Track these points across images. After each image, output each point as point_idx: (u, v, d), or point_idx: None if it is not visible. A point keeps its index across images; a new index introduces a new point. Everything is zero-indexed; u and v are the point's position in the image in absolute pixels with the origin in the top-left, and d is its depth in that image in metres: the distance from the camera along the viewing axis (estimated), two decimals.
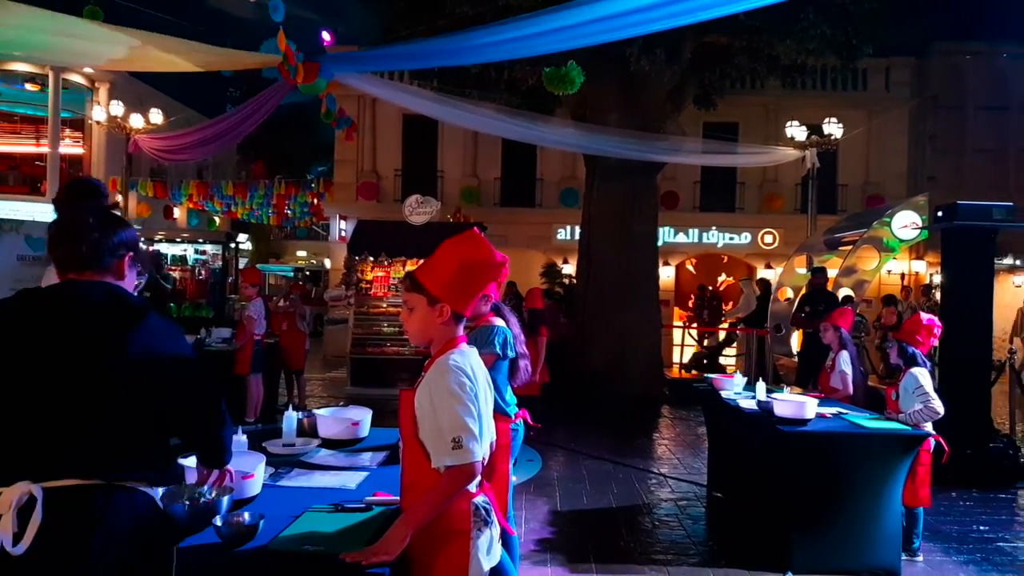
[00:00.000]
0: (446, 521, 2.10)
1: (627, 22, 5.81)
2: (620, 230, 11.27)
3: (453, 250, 2.21)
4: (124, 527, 1.73)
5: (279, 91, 7.63)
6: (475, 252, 2.21)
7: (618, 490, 6.25)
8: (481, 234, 2.26)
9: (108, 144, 22.70)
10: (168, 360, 1.87)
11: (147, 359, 1.81)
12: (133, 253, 2.02)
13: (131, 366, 1.78)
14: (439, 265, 2.20)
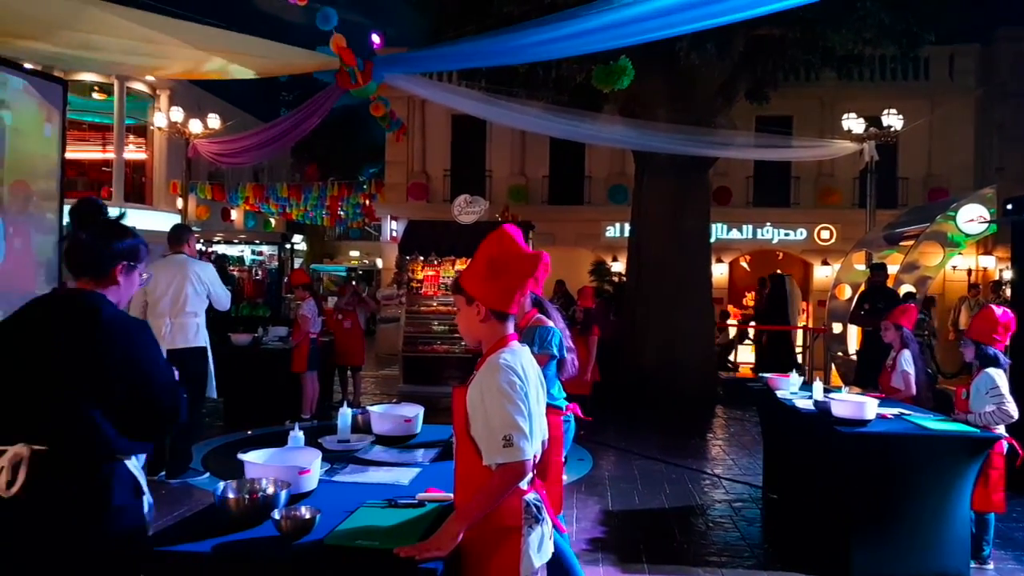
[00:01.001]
0: (497, 518, 2.11)
1: (676, 20, 5.75)
2: (671, 227, 11.14)
3: (482, 248, 2.24)
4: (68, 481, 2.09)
5: (331, 94, 7.76)
6: (501, 247, 2.21)
7: (671, 490, 6.19)
8: (509, 230, 2.23)
9: (169, 149, 23.42)
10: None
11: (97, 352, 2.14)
12: (127, 262, 2.29)
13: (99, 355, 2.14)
14: (472, 265, 2.25)
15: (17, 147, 6.48)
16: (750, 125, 16.14)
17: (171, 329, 5.99)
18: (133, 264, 2.32)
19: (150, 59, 5.42)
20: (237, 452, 2.69)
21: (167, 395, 2.21)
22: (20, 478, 2.02)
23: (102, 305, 2.20)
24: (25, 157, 6.57)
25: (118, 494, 2.11)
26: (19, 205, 6.56)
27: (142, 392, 2.16)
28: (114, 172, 22.94)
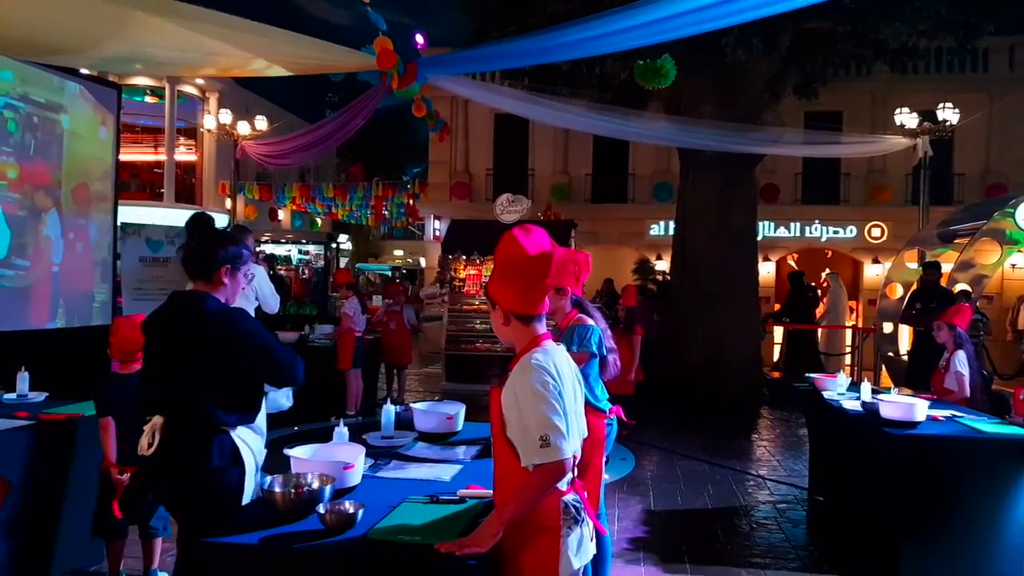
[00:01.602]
0: (536, 518, 2.11)
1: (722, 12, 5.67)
2: (717, 225, 11.00)
3: (495, 254, 2.27)
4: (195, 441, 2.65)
5: (376, 95, 7.85)
6: (508, 252, 2.21)
7: (714, 491, 6.12)
8: (516, 233, 2.21)
9: (218, 150, 23.96)
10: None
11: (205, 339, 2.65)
12: (230, 266, 2.74)
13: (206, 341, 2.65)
14: (493, 270, 2.31)
15: (75, 150, 6.74)
16: (798, 121, 15.83)
17: None
18: (236, 267, 2.76)
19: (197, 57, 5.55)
20: (284, 447, 2.75)
21: (281, 363, 2.67)
22: (155, 442, 2.64)
23: (206, 302, 2.66)
24: (83, 160, 6.84)
25: (216, 458, 2.60)
26: (81, 208, 6.83)
27: (260, 363, 2.64)
28: (165, 173, 23.55)
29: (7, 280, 6.01)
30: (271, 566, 2.09)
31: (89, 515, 3.73)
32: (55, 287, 6.49)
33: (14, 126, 6.16)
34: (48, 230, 6.48)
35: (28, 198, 6.26)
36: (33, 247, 6.27)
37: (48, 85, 6.43)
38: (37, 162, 6.35)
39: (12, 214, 6.08)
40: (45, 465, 3.73)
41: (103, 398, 3.67)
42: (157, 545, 3.80)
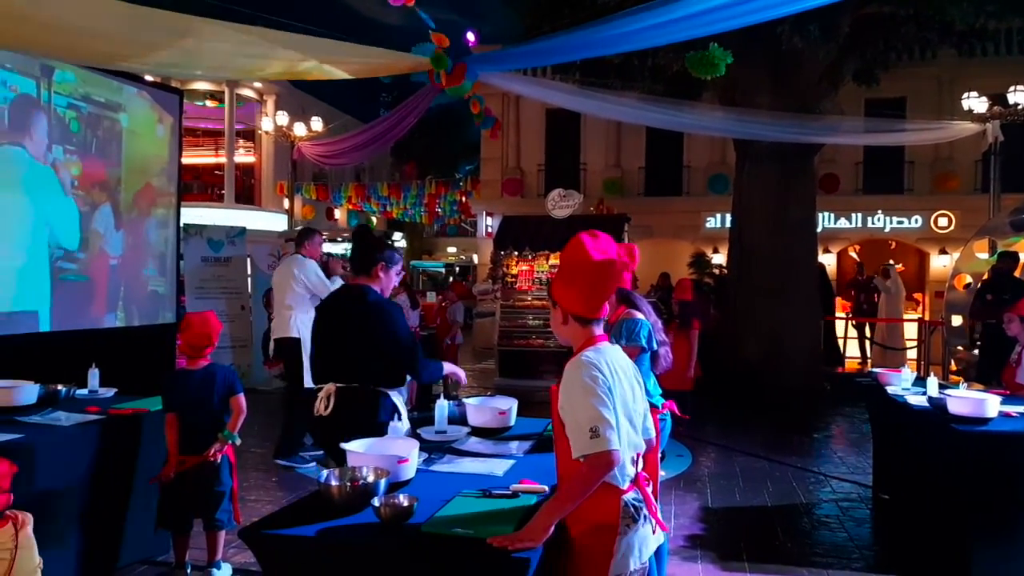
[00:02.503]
0: (595, 515, 2.12)
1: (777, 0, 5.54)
2: (774, 217, 10.76)
3: (561, 255, 2.34)
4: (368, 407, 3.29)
5: (427, 94, 7.91)
6: (573, 256, 2.26)
7: (774, 488, 6.00)
8: (583, 238, 2.26)
9: (276, 152, 24.50)
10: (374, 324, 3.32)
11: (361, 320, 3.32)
12: (384, 263, 3.42)
13: (362, 322, 3.32)
14: (557, 270, 2.38)
15: (133, 148, 6.99)
16: (859, 109, 15.39)
17: (276, 320, 6.35)
18: (388, 265, 3.44)
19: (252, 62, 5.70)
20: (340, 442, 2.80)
21: (405, 351, 3.29)
22: (330, 404, 3.24)
23: (368, 292, 3.36)
24: (141, 157, 7.09)
25: (382, 414, 3.25)
26: (139, 205, 7.09)
27: (393, 347, 3.26)
28: (225, 175, 24.19)
29: (71, 273, 6.25)
30: (327, 558, 2.13)
31: (155, 507, 3.85)
32: (114, 282, 6.71)
33: (76, 125, 6.41)
34: (107, 226, 6.72)
35: (89, 195, 6.51)
36: (93, 242, 6.53)
37: (108, 85, 6.68)
38: (97, 160, 6.60)
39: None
40: (113, 458, 3.87)
41: (168, 393, 3.79)
42: (220, 537, 3.91)
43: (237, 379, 3.96)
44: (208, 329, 3.80)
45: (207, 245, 9.67)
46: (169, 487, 3.73)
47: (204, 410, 3.76)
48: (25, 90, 5.90)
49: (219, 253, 9.73)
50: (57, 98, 6.20)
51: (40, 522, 3.26)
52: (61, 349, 5.66)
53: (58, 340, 6.00)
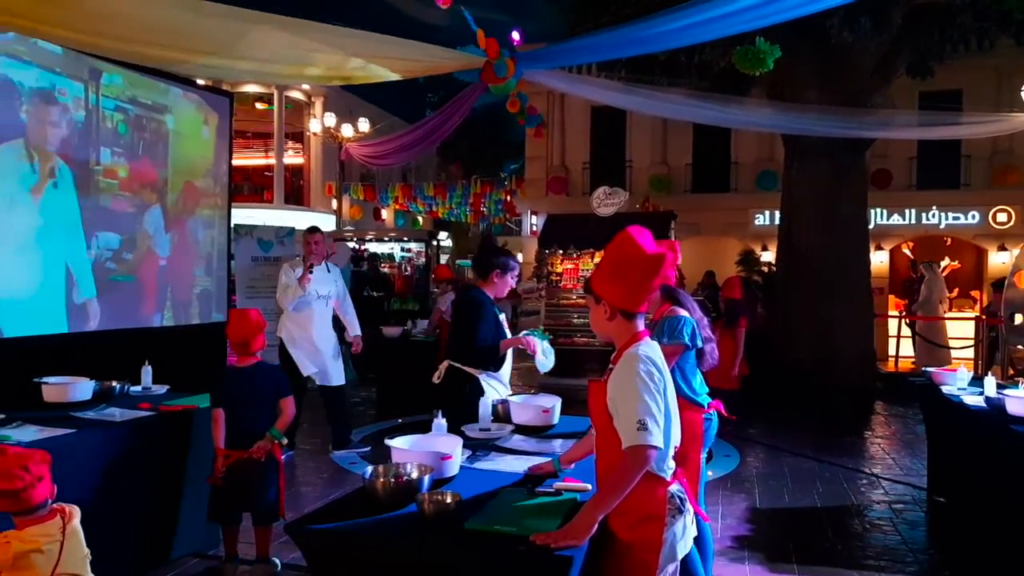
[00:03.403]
0: (643, 507, 2.15)
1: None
2: (825, 213, 10.54)
3: (607, 251, 2.33)
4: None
5: (472, 93, 7.94)
6: (623, 250, 2.26)
7: (823, 489, 5.88)
8: (633, 232, 2.27)
9: (324, 153, 24.88)
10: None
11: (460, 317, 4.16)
12: (499, 269, 4.02)
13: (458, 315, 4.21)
14: (599, 266, 2.36)
15: (180, 149, 7.15)
16: (912, 102, 14.95)
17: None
18: (503, 272, 4.03)
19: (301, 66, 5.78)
20: (386, 438, 2.84)
21: (476, 344, 3.92)
22: (441, 375, 4.06)
23: (473, 292, 4.07)
24: (187, 158, 7.24)
25: (469, 392, 3.85)
26: (186, 205, 7.26)
27: (469, 338, 3.94)
28: (275, 176, 24.65)
29: (119, 273, 6.41)
30: (371, 553, 2.16)
31: (206, 501, 3.95)
32: (162, 282, 6.88)
33: (124, 127, 6.55)
34: (156, 227, 6.86)
35: (137, 196, 6.66)
36: (142, 243, 6.69)
37: (154, 87, 6.82)
38: (144, 161, 6.73)
39: (122, 211, 6.49)
40: (164, 453, 3.98)
41: (215, 390, 3.88)
42: (269, 533, 3.99)
43: (286, 381, 4.04)
44: (252, 328, 3.85)
45: (257, 245, 9.87)
46: (217, 481, 3.82)
47: (251, 408, 3.83)
48: (74, 93, 6.03)
49: (269, 253, 9.91)
50: (105, 101, 6.33)
51: (93, 515, 3.36)
52: (115, 347, 5.82)
53: (113, 338, 6.18)
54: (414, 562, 2.12)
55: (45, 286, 5.68)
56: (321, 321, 6.45)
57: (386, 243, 17.66)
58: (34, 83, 5.63)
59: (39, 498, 2.48)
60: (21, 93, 5.55)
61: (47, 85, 5.77)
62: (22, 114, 5.56)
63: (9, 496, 2.43)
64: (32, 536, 2.41)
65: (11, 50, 5.43)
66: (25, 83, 5.57)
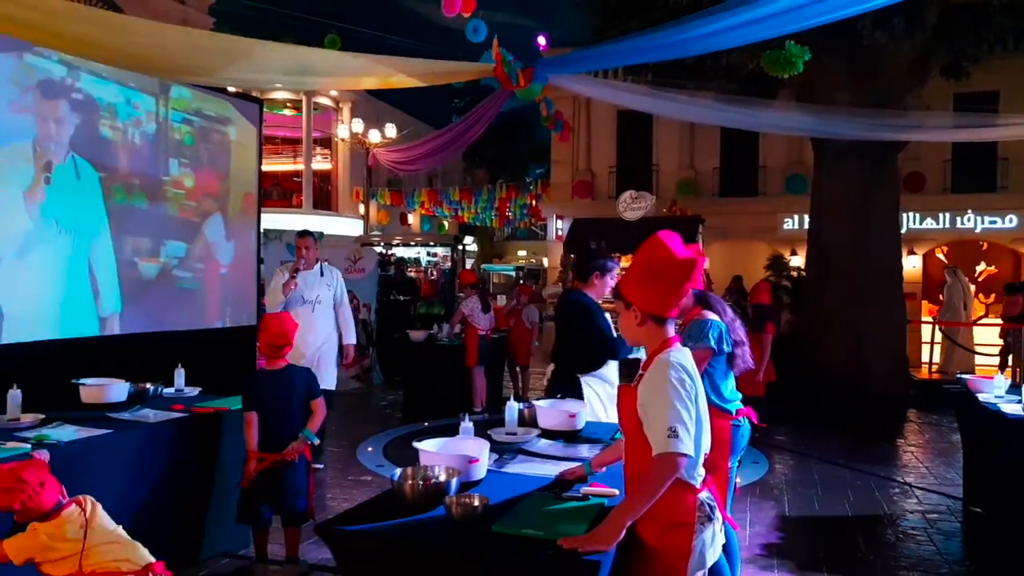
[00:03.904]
0: (672, 514, 2.14)
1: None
2: (855, 217, 10.40)
3: (637, 255, 2.30)
4: None
5: (498, 99, 7.97)
6: (654, 254, 2.24)
7: (855, 498, 5.79)
8: (663, 237, 2.25)
9: (352, 159, 25.09)
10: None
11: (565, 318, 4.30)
12: (599, 272, 4.12)
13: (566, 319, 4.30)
14: (629, 271, 2.34)
15: (239, 160, 7.44)
16: (947, 104, 14.70)
17: None
18: (603, 273, 4.12)
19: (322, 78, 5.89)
20: (413, 441, 2.85)
21: (603, 343, 4.04)
22: (548, 377, 4.38)
23: (572, 295, 4.27)
24: (244, 169, 7.51)
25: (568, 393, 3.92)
26: (245, 214, 7.50)
27: (574, 339, 4.15)
28: (304, 182, 24.90)
29: (186, 282, 6.68)
30: (400, 554, 2.17)
31: (235, 502, 3.99)
32: (224, 289, 7.08)
33: (190, 139, 6.88)
34: (217, 235, 7.15)
35: (200, 205, 6.97)
36: (205, 251, 6.97)
37: (218, 100, 7.17)
38: (208, 171, 7.04)
39: (188, 219, 6.80)
40: (196, 454, 4.03)
41: (247, 393, 3.92)
42: (299, 534, 4.02)
43: (316, 383, 4.08)
44: (284, 330, 3.91)
45: (286, 249, 9.98)
46: (246, 482, 3.85)
47: (283, 410, 3.87)
48: (146, 107, 6.37)
49: None
50: (173, 114, 6.66)
51: (126, 512, 3.46)
52: (149, 349, 5.93)
53: (147, 341, 6.30)
54: (441, 564, 2.13)
55: (102, 290, 5.96)
56: (305, 325, 5.95)
57: (412, 248, 17.73)
58: (112, 98, 6.05)
59: (49, 502, 2.60)
60: (101, 108, 5.96)
61: (123, 100, 6.17)
62: (102, 128, 5.98)
63: (18, 508, 2.55)
64: (56, 523, 2.57)
65: (93, 68, 5.82)
66: (104, 99, 5.99)
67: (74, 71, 5.71)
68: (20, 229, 5.23)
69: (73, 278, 5.62)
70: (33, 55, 5.33)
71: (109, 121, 6.04)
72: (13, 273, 5.18)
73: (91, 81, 5.84)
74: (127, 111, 6.19)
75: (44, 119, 5.45)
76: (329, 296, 6.30)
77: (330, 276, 6.38)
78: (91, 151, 5.83)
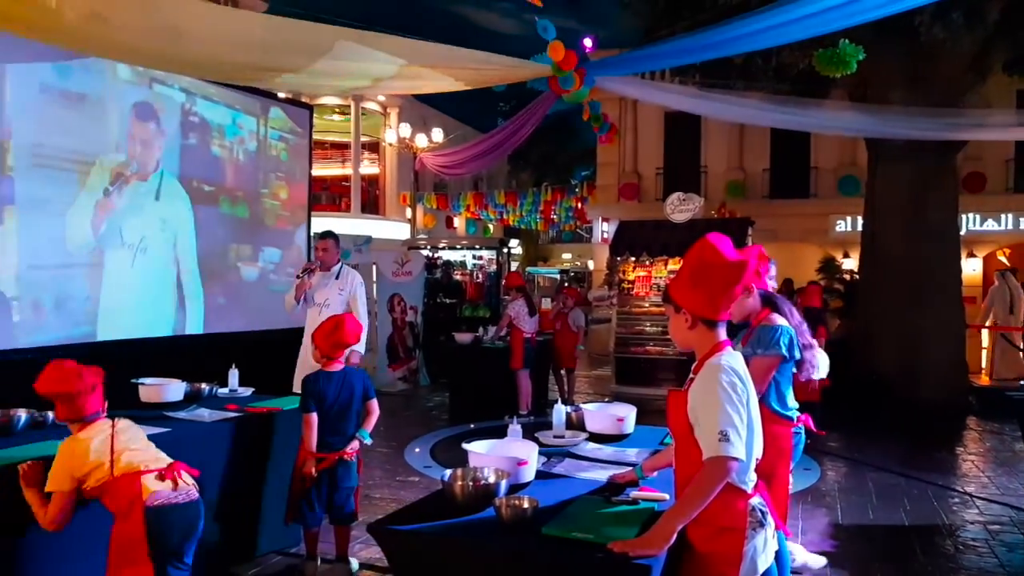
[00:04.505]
0: (721, 518, 2.12)
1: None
2: (911, 219, 10.12)
3: (686, 258, 2.28)
4: None
5: (545, 102, 7.97)
6: (703, 257, 2.22)
7: (911, 507, 5.63)
8: (712, 239, 2.23)
9: (399, 163, 25.36)
10: None
11: None
12: None
13: None
14: (679, 274, 2.32)
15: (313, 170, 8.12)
16: (1009, 101, 14.22)
17: None
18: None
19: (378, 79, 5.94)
20: (461, 443, 2.87)
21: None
22: None
23: None
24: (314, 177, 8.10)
25: None
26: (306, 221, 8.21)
27: None
28: (352, 186, 25.25)
29: (280, 285, 7.27)
30: (450, 554, 2.19)
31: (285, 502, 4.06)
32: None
33: (285, 155, 7.76)
34: (303, 240, 8.02)
35: (293, 215, 7.82)
36: (296, 256, 7.84)
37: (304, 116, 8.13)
38: (298, 184, 7.95)
39: (283, 228, 7.65)
40: (249, 453, 4.11)
41: (308, 394, 3.98)
42: (349, 532, 4.08)
43: (371, 383, 4.14)
44: (345, 331, 3.94)
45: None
46: (302, 483, 3.92)
47: (341, 411, 3.93)
48: (249, 127, 7.23)
49: (347, 260, 10.18)
50: (272, 132, 7.48)
51: None
52: (205, 350, 6.11)
53: (202, 342, 6.49)
54: (491, 564, 2.14)
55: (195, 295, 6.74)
56: (310, 328, 5.79)
57: (458, 251, 17.85)
58: (221, 120, 7.00)
59: (92, 407, 2.89)
60: (212, 128, 6.90)
61: (231, 121, 7.11)
62: (213, 147, 6.92)
63: (66, 400, 2.83)
64: (87, 430, 2.85)
65: (206, 92, 6.76)
66: (215, 120, 6.93)
67: (191, 96, 6.67)
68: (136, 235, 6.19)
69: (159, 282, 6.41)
70: (158, 84, 6.36)
71: (219, 140, 7.00)
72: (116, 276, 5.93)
73: (205, 105, 6.81)
74: (233, 131, 7.12)
75: (164, 139, 6.42)
76: (340, 300, 5.87)
77: (345, 280, 5.97)
78: (202, 167, 6.79)
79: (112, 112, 6.01)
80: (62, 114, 5.59)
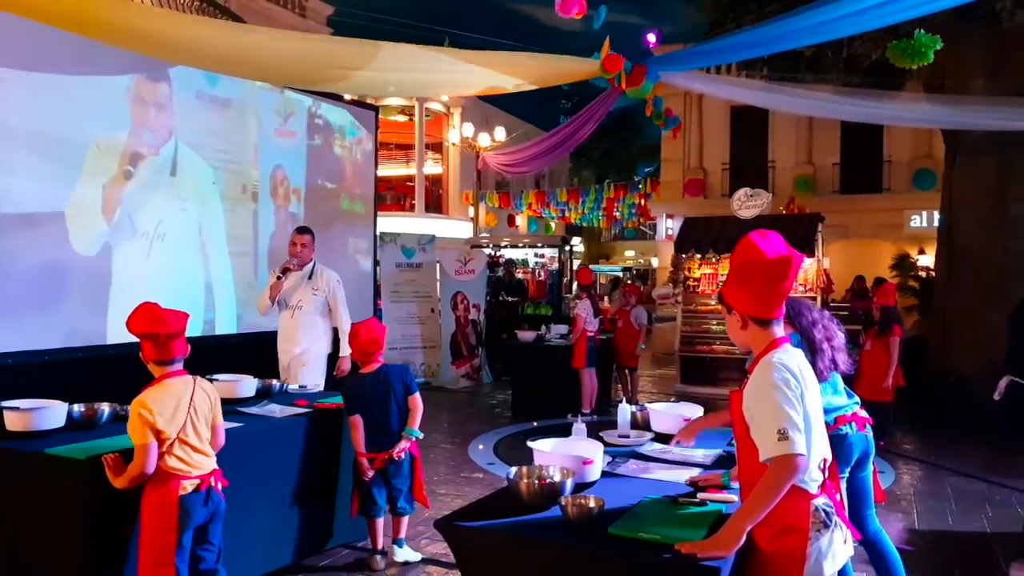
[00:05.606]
0: (784, 518, 2.09)
1: None
2: (992, 213, 9.69)
3: (732, 258, 2.28)
4: None
5: (608, 98, 7.93)
6: (745, 256, 2.20)
7: (993, 513, 5.40)
8: (754, 237, 2.20)
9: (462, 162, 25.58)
10: None
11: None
12: None
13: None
14: (728, 275, 2.33)
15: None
16: None
17: None
18: None
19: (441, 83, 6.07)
20: (525, 441, 2.88)
21: None
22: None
23: None
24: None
25: None
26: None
27: None
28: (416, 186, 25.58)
29: None
30: (516, 551, 2.21)
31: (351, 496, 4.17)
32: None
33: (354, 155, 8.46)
34: (369, 239, 8.60)
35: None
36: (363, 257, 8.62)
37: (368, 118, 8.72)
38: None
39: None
40: (319, 448, 4.21)
41: (348, 397, 4.07)
42: (404, 522, 4.18)
43: (413, 378, 4.19)
44: (374, 336, 4.03)
45: (400, 252, 10.32)
46: (360, 479, 4.03)
47: (383, 409, 4.00)
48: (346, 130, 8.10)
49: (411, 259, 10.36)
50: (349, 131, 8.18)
51: (257, 501, 3.69)
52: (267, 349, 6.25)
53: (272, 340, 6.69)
54: (557, 563, 2.16)
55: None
56: (282, 332, 5.58)
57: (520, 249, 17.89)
58: (341, 122, 7.91)
59: (177, 351, 2.98)
60: (334, 130, 7.82)
61: (348, 123, 8.00)
62: (335, 148, 7.84)
63: (154, 340, 2.92)
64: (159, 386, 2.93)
65: (328, 99, 7.67)
66: (336, 122, 7.84)
67: (316, 101, 7.52)
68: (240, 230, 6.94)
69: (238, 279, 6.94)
70: (290, 90, 7.06)
71: (340, 141, 7.84)
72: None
73: (328, 108, 7.67)
74: (352, 132, 7.95)
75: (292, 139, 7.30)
76: (315, 303, 5.46)
77: (319, 280, 5.50)
78: (325, 168, 7.67)
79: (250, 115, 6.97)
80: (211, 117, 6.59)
